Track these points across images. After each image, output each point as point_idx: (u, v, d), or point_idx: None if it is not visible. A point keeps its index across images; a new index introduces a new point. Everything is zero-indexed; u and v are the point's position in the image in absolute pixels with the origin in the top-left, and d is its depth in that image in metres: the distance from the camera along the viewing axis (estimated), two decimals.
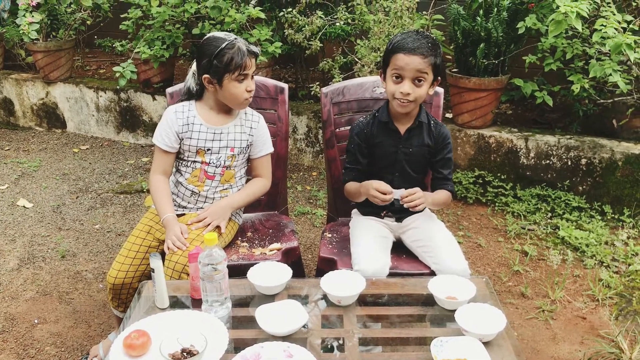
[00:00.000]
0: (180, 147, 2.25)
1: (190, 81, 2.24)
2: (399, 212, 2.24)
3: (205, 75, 2.14)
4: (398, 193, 2.07)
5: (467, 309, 1.67)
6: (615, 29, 2.97)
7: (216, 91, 2.16)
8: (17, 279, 2.99)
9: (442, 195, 2.20)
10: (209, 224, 2.18)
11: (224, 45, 2.08)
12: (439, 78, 2.10)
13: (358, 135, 2.20)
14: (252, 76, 2.18)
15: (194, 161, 2.25)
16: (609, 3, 3.14)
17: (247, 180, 2.39)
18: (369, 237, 2.16)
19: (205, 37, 2.17)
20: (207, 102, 2.24)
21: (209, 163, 2.24)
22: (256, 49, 2.16)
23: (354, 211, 2.38)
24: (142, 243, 2.21)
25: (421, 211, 2.27)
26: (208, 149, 2.23)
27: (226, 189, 2.29)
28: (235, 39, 2.11)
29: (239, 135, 2.26)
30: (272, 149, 2.37)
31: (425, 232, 2.18)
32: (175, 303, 1.81)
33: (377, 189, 2.06)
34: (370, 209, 2.26)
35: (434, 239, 2.13)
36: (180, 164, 2.30)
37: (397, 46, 2.03)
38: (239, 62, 2.08)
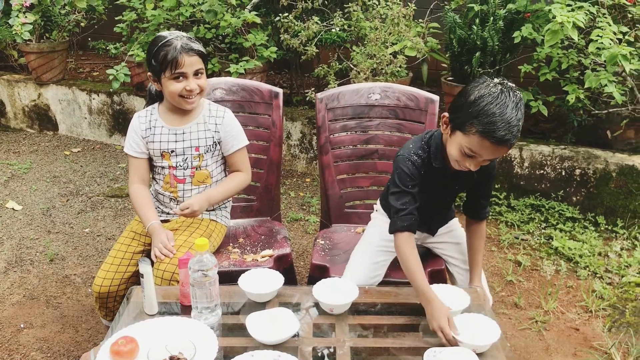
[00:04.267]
0: (148, 153, 2.23)
1: (150, 82, 2.23)
2: (433, 227, 2.19)
3: (149, 73, 2.13)
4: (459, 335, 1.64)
5: (461, 319, 1.65)
6: (611, 39, 2.97)
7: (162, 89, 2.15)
8: (4, 282, 2.94)
9: (483, 238, 2.13)
10: (189, 211, 2.08)
11: (161, 43, 2.05)
12: None
13: (417, 176, 1.91)
14: (199, 75, 2.09)
15: (162, 167, 2.21)
16: (605, 14, 3.15)
17: None
18: (371, 249, 2.12)
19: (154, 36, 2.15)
20: (166, 102, 2.21)
21: (176, 167, 2.20)
22: (197, 46, 2.08)
23: (375, 214, 2.27)
24: (126, 250, 2.17)
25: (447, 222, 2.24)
26: (172, 151, 2.19)
27: (203, 191, 2.24)
28: (176, 37, 2.06)
29: (203, 133, 2.20)
30: (246, 142, 2.27)
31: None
32: (165, 309, 1.77)
33: (442, 329, 1.62)
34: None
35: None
36: (154, 173, 2.27)
37: (488, 131, 1.67)
38: (169, 59, 2.03)
